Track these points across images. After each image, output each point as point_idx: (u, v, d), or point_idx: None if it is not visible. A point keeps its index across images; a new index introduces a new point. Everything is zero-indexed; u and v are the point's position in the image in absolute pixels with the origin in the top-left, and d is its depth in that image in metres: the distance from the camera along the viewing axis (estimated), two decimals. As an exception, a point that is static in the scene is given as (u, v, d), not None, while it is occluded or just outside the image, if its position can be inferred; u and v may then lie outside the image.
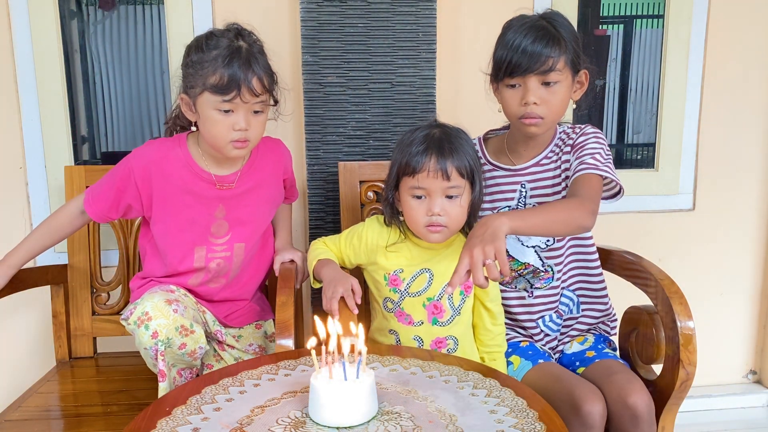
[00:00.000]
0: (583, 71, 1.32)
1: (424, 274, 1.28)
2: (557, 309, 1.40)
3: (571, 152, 1.33)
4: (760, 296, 2.08)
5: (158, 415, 0.90)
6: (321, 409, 0.88)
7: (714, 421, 2.01)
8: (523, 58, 1.23)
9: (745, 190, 2.00)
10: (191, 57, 1.25)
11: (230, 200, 1.34)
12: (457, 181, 1.22)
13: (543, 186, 1.36)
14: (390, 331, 1.31)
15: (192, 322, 1.23)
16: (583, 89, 1.35)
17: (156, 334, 1.17)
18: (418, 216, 1.23)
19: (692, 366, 1.23)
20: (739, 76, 1.92)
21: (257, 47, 1.27)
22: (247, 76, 1.21)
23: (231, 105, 1.22)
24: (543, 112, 1.27)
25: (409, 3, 1.61)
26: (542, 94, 1.26)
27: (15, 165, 1.72)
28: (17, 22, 1.65)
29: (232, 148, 1.26)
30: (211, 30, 1.29)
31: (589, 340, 1.40)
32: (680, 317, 1.24)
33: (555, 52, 1.23)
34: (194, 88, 1.23)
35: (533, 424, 0.87)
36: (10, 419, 1.29)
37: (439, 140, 1.23)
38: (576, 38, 1.29)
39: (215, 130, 1.24)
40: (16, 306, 1.74)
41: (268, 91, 1.26)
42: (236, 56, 1.21)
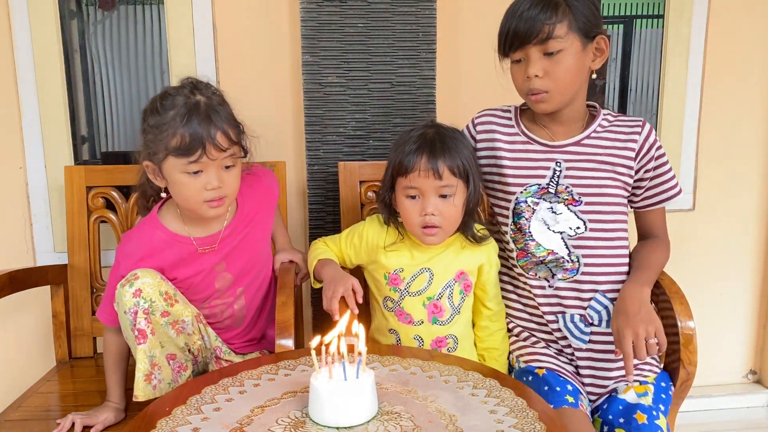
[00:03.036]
0: (600, 37, 1.23)
1: (425, 274, 1.28)
2: (585, 313, 1.27)
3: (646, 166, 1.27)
4: (760, 296, 2.08)
5: (158, 415, 0.90)
6: (321, 409, 0.88)
7: (714, 421, 2.01)
8: (520, 25, 1.18)
9: (745, 190, 2.00)
10: (148, 121, 1.18)
11: (229, 253, 1.31)
12: (450, 180, 1.21)
13: (580, 168, 1.27)
14: (390, 331, 1.31)
15: (176, 294, 1.21)
16: (604, 57, 1.25)
17: (139, 292, 1.14)
18: (412, 216, 1.23)
19: (692, 366, 1.23)
20: (739, 76, 1.92)
21: (216, 98, 1.20)
22: (209, 132, 1.14)
23: (198, 165, 1.15)
24: (547, 85, 1.20)
25: (409, 3, 1.61)
26: (545, 65, 1.19)
27: (15, 165, 1.72)
28: (17, 22, 1.65)
29: (207, 209, 1.19)
30: (165, 89, 1.21)
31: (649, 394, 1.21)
32: (680, 317, 1.24)
33: (552, 18, 1.16)
34: (157, 153, 1.16)
35: (533, 424, 0.87)
36: (10, 419, 1.29)
37: (432, 140, 1.22)
38: (588, 4, 1.20)
39: (187, 193, 1.18)
40: (16, 306, 1.74)
41: (235, 143, 1.19)
42: (194, 113, 1.14)
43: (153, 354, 1.18)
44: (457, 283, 1.29)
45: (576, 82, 1.23)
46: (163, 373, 1.19)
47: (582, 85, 1.26)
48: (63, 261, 1.59)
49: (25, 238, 1.75)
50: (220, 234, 1.29)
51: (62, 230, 1.66)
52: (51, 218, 1.74)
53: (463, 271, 1.30)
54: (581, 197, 1.26)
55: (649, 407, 1.18)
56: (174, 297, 1.21)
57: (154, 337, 1.17)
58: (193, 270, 1.28)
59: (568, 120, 1.29)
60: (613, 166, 1.27)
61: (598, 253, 1.27)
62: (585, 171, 1.27)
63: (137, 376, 1.16)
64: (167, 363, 1.21)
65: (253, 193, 1.34)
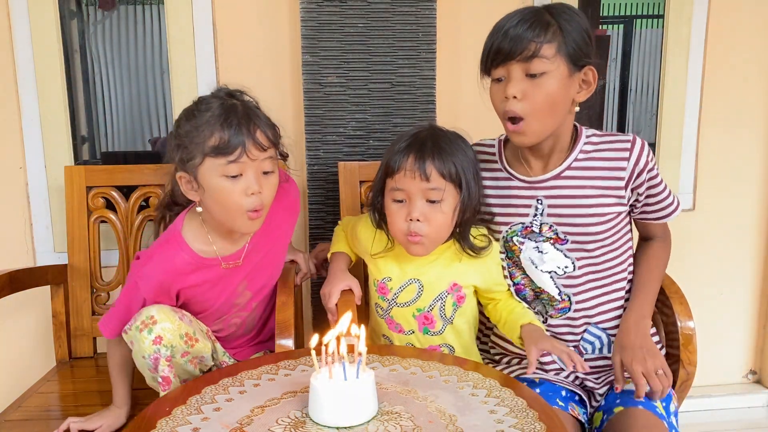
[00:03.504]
0: (588, 68, 1.14)
1: (413, 285, 1.23)
2: (578, 345, 1.24)
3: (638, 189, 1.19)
4: (760, 296, 2.08)
5: (158, 415, 0.90)
6: (321, 409, 0.88)
7: (714, 421, 2.01)
8: (504, 42, 1.10)
9: (745, 190, 2.00)
10: (183, 127, 1.13)
11: (251, 270, 1.27)
12: (438, 182, 1.12)
13: (562, 205, 1.20)
14: (383, 336, 1.30)
15: (196, 331, 1.18)
16: (590, 90, 1.16)
17: (159, 339, 1.10)
18: (398, 222, 1.16)
19: (692, 366, 1.23)
20: (739, 76, 1.92)
21: (252, 104, 1.18)
22: (249, 130, 1.10)
23: (238, 167, 1.10)
24: (524, 110, 1.10)
25: (409, 3, 1.61)
26: (525, 87, 1.10)
27: (15, 165, 1.72)
28: (17, 22, 1.65)
29: (246, 220, 1.13)
30: (199, 96, 1.18)
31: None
32: (680, 317, 1.24)
33: (541, 36, 1.08)
34: (193, 159, 1.11)
35: (533, 424, 0.87)
36: (10, 419, 1.29)
37: (423, 140, 1.15)
38: (581, 31, 1.12)
39: (226, 201, 1.12)
40: (16, 306, 1.73)
41: (274, 144, 1.15)
42: (233, 113, 1.11)
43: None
44: (450, 295, 1.23)
45: (556, 111, 1.13)
46: None
47: (564, 118, 1.16)
48: (63, 261, 1.59)
49: (25, 238, 1.75)
50: (245, 249, 1.25)
51: (62, 230, 1.66)
52: (51, 218, 1.74)
53: (457, 284, 1.23)
54: (567, 236, 1.20)
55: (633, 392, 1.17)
56: (194, 336, 1.16)
57: (176, 379, 1.15)
58: (218, 291, 1.25)
59: (550, 153, 1.21)
60: (599, 198, 1.18)
61: (589, 292, 1.23)
62: (568, 208, 1.19)
63: None
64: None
65: (279, 206, 1.27)
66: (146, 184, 1.59)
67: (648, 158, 1.18)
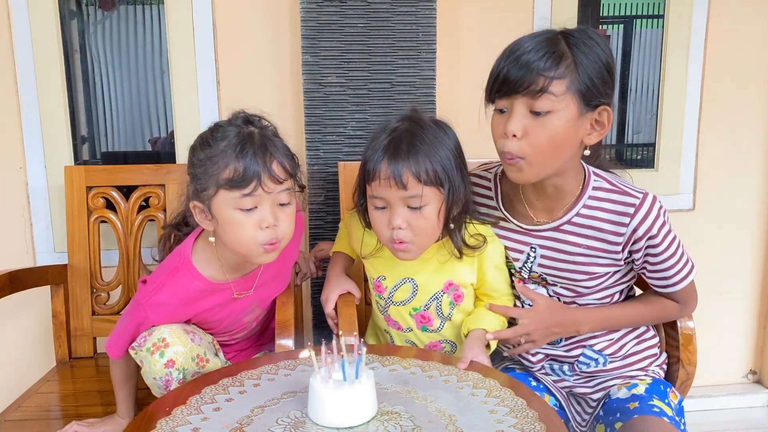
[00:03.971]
0: (604, 108, 1.03)
1: (407, 284, 1.20)
2: (573, 364, 1.21)
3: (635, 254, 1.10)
4: (760, 296, 2.08)
5: (158, 415, 0.90)
6: (320, 409, 0.88)
7: (714, 421, 2.01)
8: (513, 70, 1.00)
9: (745, 190, 2.00)
10: (197, 156, 1.09)
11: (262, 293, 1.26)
12: (415, 189, 1.05)
13: (556, 258, 1.14)
14: (384, 330, 1.30)
15: (207, 351, 1.16)
16: (603, 132, 1.05)
17: (171, 363, 1.08)
18: (380, 229, 1.11)
19: (692, 366, 1.23)
20: (739, 76, 1.92)
21: (270, 131, 1.13)
22: (265, 162, 1.05)
23: (253, 200, 1.06)
24: (523, 150, 1.02)
25: (409, 3, 1.61)
26: (527, 125, 1.01)
27: (15, 165, 1.72)
28: (17, 22, 1.65)
29: (262, 253, 1.10)
30: (216, 122, 1.13)
31: (640, 387, 1.17)
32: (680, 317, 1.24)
33: (551, 72, 0.98)
34: (207, 189, 1.07)
35: (533, 424, 0.87)
36: (10, 419, 1.29)
37: (398, 140, 1.07)
38: (600, 65, 1.01)
39: (240, 235, 1.08)
40: (16, 306, 1.73)
41: (291, 175, 1.10)
42: (249, 143, 1.06)
43: None
44: (446, 294, 1.20)
45: (560, 154, 1.04)
46: None
47: (570, 160, 1.07)
48: (63, 261, 1.59)
49: (25, 238, 1.75)
50: (257, 276, 1.22)
51: (62, 230, 1.66)
52: (51, 218, 1.74)
53: (453, 283, 1.20)
54: (556, 281, 1.17)
55: (642, 395, 1.14)
56: (205, 357, 1.14)
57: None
58: (228, 312, 1.24)
59: (553, 196, 1.12)
60: (594, 257, 1.12)
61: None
62: (561, 262, 1.14)
63: None
64: None
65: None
66: (146, 184, 1.59)
67: (652, 223, 1.07)
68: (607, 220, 1.10)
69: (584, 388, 1.22)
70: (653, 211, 1.07)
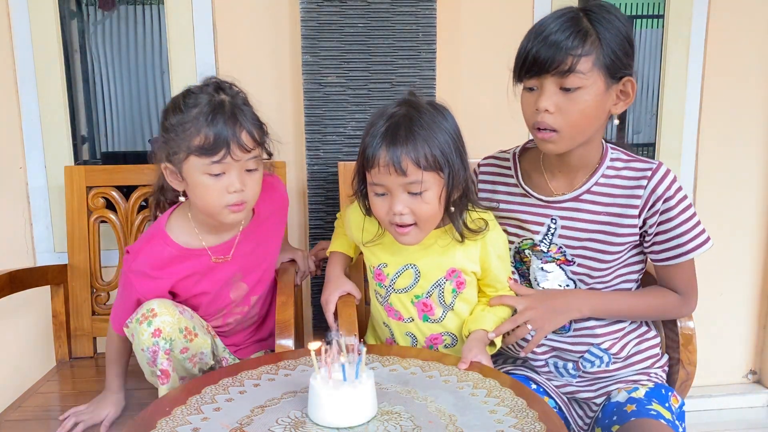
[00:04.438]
0: (627, 79, 1.09)
1: (409, 270, 1.19)
2: (577, 362, 1.21)
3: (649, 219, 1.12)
4: (760, 296, 2.08)
5: (158, 415, 0.90)
6: (320, 409, 0.88)
7: (714, 421, 2.01)
8: (542, 51, 1.04)
9: (745, 190, 2.00)
10: (169, 120, 1.13)
11: (244, 263, 1.27)
12: (415, 175, 1.06)
13: (575, 228, 1.16)
14: (384, 323, 1.27)
15: (196, 326, 1.18)
16: (629, 101, 1.11)
17: (158, 332, 1.11)
18: (381, 215, 1.12)
19: (692, 366, 1.23)
20: (739, 76, 1.92)
21: (241, 99, 1.17)
22: (234, 131, 1.10)
23: (221, 166, 1.11)
24: (557, 124, 1.07)
25: (409, 3, 1.61)
26: (558, 101, 1.06)
27: (15, 165, 1.72)
28: (17, 22, 1.65)
29: (228, 213, 1.15)
30: (188, 87, 1.17)
31: (640, 390, 1.16)
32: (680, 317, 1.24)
33: (579, 48, 1.02)
34: (177, 153, 1.12)
35: (533, 424, 0.87)
36: (10, 419, 1.29)
37: (396, 126, 1.07)
38: (622, 38, 1.06)
39: (208, 197, 1.13)
40: (16, 306, 1.73)
41: (259, 144, 1.16)
42: (219, 111, 1.10)
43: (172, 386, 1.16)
44: (449, 281, 1.19)
45: (591, 125, 1.09)
46: None
47: (598, 130, 1.12)
48: (63, 261, 1.59)
49: (25, 238, 1.75)
50: (235, 241, 1.25)
51: (62, 230, 1.66)
52: (51, 218, 1.74)
53: (455, 269, 1.19)
54: (574, 258, 1.17)
55: (641, 399, 1.14)
56: (193, 331, 1.17)
57: (175, 373, 1.15)
58: (209, 283, 1.24)
59: (576, 166, 1.16)
60: (613, 226, 1.14)
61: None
62: (581, 232, 1.16)
63: None
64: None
65: (268, 199, 1.29)
66: (146, 184, 1.58)
67: (667, 187, 1.11)
68: (625, 186, 1.14)
69: (587, 393, 1.22)
70: (669, 176, 1.12)
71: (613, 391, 1.19)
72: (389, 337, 1.28)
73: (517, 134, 1.84)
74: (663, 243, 1.15)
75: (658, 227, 1.13)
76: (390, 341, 1.27)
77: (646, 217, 1.13)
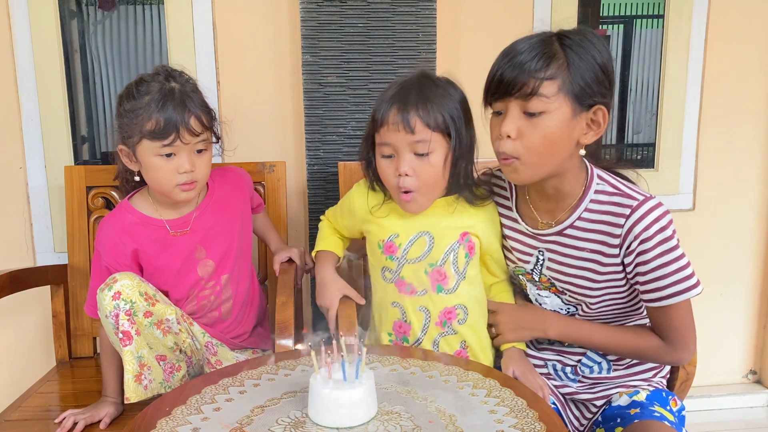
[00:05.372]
0: (598, 108, 1.03)
1: (423, 238, 1.18)
2: (576, 366, 1.21)
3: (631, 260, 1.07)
4: (760, 296, 2.08)
5: (158, 415, 0.90)
6: (320, 409, 0.88)
7: (714, 421, 2.01)
8: (507, 72, 1.02)
9: (745, 190, 2.00)
10: (123, 106, 1.22)
11: (204, 237, 1.32)
12: (423, 134, 1.08)
13: (561, 262, 1.15)
14: (393, 304, 1.23)
15: (156, 293, 1.22)
16: (599, 132, 1.05)
17: (118, 294, 1.16)
18: (389, 179, 1.13)
19: (692, 366, 1.23)
20: (739, 76, 1.92)
21: (190, 86, 1.25)
22: (183, 117, 1.19)
23: (172, 149, 1.20)
24: (517, 151, 1.03)
25: (409, 3, 1.61)
26: (521, 126, 1.02)
27: (15, 165, 1.72)
28: (17, 22, 1.65)
29: (179, 192, 1.24)
30: (141, 75, 1.26)
31: (641, 394, 1.16)
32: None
33: (542, 71, 0.99)
34: (131, 137, 1.21)
35: (533, 424, 0.87)
36: (10, 419, 1.29)
37: (408, 90, 1.10)
38: (594, 65, 1.02)
39: (159, 177, 1.22)
40: (16, 306, 1.74)
41: (207, 128, 1.24)
42: (169, 98, 1.19)
43: (141, 354, 1.18)
44: (462, 245, 1.19)
45: (555, 154, 1.04)
46: (153, 374, 1.20)
47: (567, 160, 1.07)
48: (63, 261, 1.59)
49: (25, 238, 1.75)
50: (192, 216, 1.32)
51: (62, 230, 1.66)
52: (51, 218, 1.74)
53: (467, 232, 1.19)
54: (564, 290, 1.16)
55: (643, 402, 1.13)
56: (154, 297, 1.22)
57: (139, 337, 1.18)
58: (170, 255, 1.29)
59: (554, 197, 1.12)
60: (596, 264, 1.10)
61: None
62: (566, 266, 1.14)
63: (126, 377, 1.17)
64: (157, 363, 1.22)
65: (223, 179, 1.38)
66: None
67: (645, 228, 1.04)
68: (606, 222, 1.09)
69: (587, 395, 1.22)
70: (651, 214, 1.04)
71: (614, 395, 1.19)
72: (399, 319, 1.23)
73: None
74: (644, 285, 1.08)
75: (635, 268, 1.07)
76: (399, 324, 1.23)
77: (625, 255, 1.08)
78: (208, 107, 1.26)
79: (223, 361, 1.34)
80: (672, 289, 1.05)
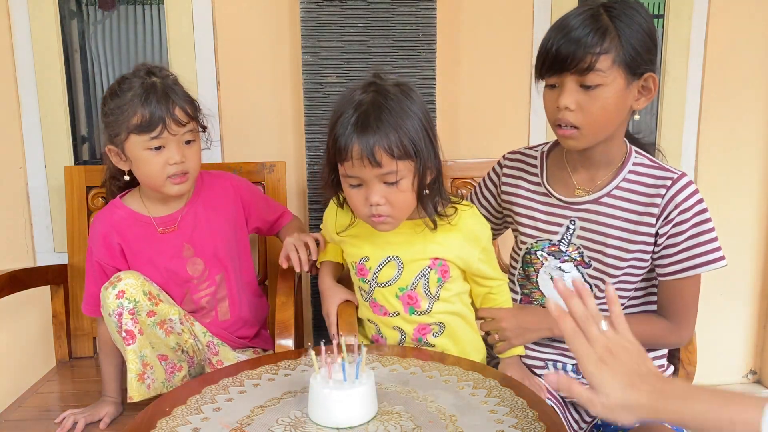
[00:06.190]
0: (649, 75, 1.08)
1: (392, 262, 1.17)
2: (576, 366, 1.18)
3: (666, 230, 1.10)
4: (760, 297, 2.08)
5: (158, 415, 0.90)
6: (320, 409, 0.88)
7: (714, 421, 2.01)
8: (562, 47, 1.04)
9: (745, 191, 2.00)
10: (108, 105, 1.23)
11: (192, 236, 1.32)
12: (390, 166, 1.04)
13: (594, 231, 1.15)
14: (369, 320, 1.25)
15: (160, 293, 1.23)
16: (650, 97, 1.10)
17: (122, 293, 1.16)
18: (358, 206, 1.10)
19: (692, 366, 1.23)
20: (739, 76, 1.92)
21: (171, 79, 1.26)
22: (168, 108, 1.20)
23: (160, 141, 1.21)
24: (578, 121, 1.07)
25: (409, 3, 1.61)
26: (579, 99, 1.06)
27: (15, 165, 1.72)
28: (17, 22, 1.65)
29: (171, 185, 1.24)
30: (122, 75, 1.27)
31: None
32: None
33: (598, 46, 1.02)
34: (119, 134, 1.22)
35: (533, 424, 0.87)
36: (10, 419, 1.29)
37: (366, 114, 1.04)
38: (643, 33, 1.05)
39: (150, 170, 1.23)
40: (16, 306, 1.73)
41: (193, 118, 1.25)
42: (152, 92, 1.21)
43: (143, 354, 1.18)
44: (433, 270, 1.17)
45: (612, 122, 1.09)
46: (156, 373, 1.20)
47: (620, 126, 1.12)
48: (63, 261, 1.59)
49: (25, 238, 1.75)
50: (180, 213, 1.32)
51: (62, 230, 1.66)
52: (51, 218, 1.74)
53: (438, 258, 1.17)
54: (591, 261, 1.17)
55: None
56: (158, 297, 1.22)
57: (142, 336, 1.18)
58: (157, 251, 1.30)
59: (598, 161, 1.16)
60: (629, 233, 1.13)
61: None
62: (599, 235, 1.15)
63: (129, 376, 1.17)
64: (159, 363, 1.22)
65: (214, 181, 1.39)
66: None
67: (685, 198, 1.10)
68: (645, 193, 1.12)
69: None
70: (690, 187, 1.11)
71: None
72: (375, 334, 1.25)
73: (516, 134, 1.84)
74: (672, 256, 1.12)
75: (668, 239, 1.11)
76: (376, 338, 1.25)
77: (661, 226, 1.11)
78: (191, 98, 1.28)
79: (224, 360, 1.33)
80: (702, 259, 1.11)
